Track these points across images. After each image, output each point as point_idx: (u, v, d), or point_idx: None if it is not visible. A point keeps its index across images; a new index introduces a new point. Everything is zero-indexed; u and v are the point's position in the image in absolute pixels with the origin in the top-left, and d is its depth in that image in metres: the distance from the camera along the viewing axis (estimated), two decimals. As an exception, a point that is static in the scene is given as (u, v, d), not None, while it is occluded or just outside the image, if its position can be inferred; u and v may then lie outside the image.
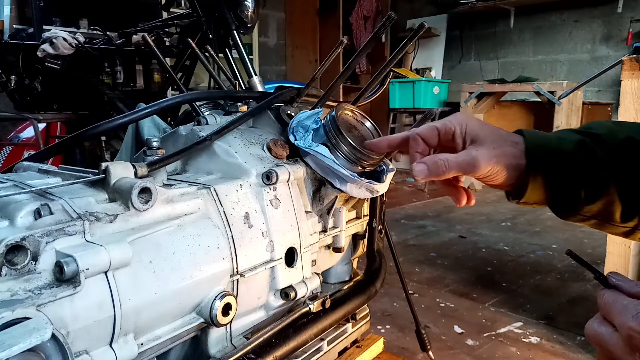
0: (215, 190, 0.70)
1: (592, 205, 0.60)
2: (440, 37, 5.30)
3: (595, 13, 4.39)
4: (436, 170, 0.59)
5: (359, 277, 1.02)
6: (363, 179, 0.80)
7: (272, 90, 0.96)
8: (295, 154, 0.84)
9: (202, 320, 0.66)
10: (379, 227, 1.00)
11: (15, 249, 0.49)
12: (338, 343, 0.95)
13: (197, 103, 0.97)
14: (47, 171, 0.69)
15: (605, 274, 0.43)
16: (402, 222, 3.25)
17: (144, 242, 0.59)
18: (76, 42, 2.30)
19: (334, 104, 0.94)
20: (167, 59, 2.55)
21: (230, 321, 0.68)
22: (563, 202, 0.61)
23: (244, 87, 1.75)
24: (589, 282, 2.15)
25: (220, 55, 2.05)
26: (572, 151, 0.59)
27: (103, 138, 2.29)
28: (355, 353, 1.01)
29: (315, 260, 0.86)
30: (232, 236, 0.69)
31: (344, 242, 0.92)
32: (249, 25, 2.06)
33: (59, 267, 0.50)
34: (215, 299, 0.65)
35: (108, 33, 2.60)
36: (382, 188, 0.84)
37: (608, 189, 0.58)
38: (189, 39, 1.41)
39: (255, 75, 1.90)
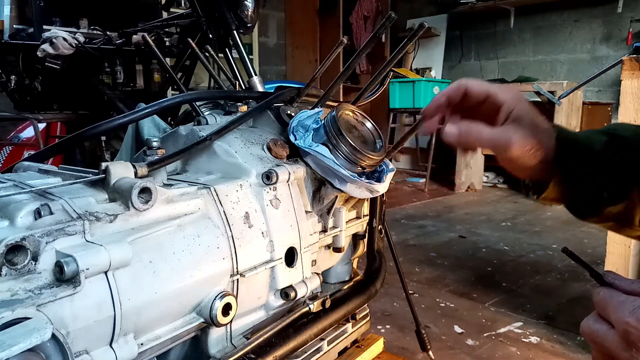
0: (215, 190, 0.70)
1: (613, 207, 0.59)
2: (440, 37, 5.29)
3: (595, 13, 4.39)
4: (467, 138, 0.56)
5: (359, 277, 1.02)
6: (363, 179, 0.80)
7: (272, 90, 0.96)
8: (296, 154, 0.84)
9: (202, 320, 0.66)
10: (379, 227, 1.00)
11: (16, 248, 0.49)
12: (338, 343, 0.95)
13: (197, 103, 0.97)
14: (47, 171, 0.69)
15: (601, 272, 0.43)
16: (402, 222, 3.25)
17: (144, 242, 0.59)
18: (76, 42, 2.30)
19: (334, 104, 0.94)
20: (167, 59, 2.55)
21: (230, 321, 0.68)
22: (585, 201, 0.60)
23: (244, 87, 1.75)
24: (589, 282, 2.15)
25: (220, 55, 2.05)
26: (601, 150, 0.58)
27: (103, 138, 2.29)
28: (355, 353, 1.01)
29: (315, 260, 0.86)
30: (232, 236, 0.69)
31: (344, 242, 0.92)
32: (249, 25, 2.06)
33: (59, 267, 0.50)
34: (215, 299, 0.65)
35: (108, 33, 2.60)
36: (382, 188, 0.84)
37: (631, 191, 0.57)
38: (189, 39, 1.41)
39: (255, 75, 1.90)
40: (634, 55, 1.50)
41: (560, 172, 0.58)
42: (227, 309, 0.66)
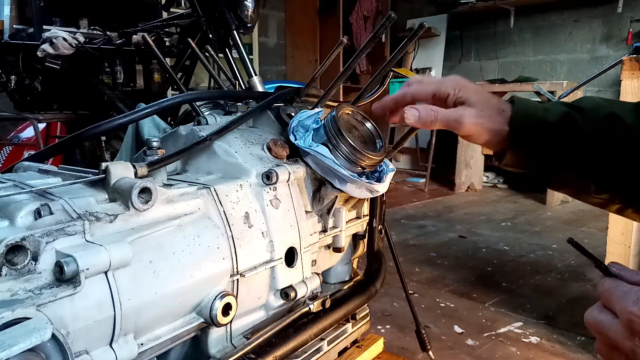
0: (215, 190, 0.70)
1: (569, 175, 0.63)
2: (440, 37, 5.29)
3: (595, 13, 4.39)
4: (426, 118, 0.63)
5: (359, 277, 1.02)
6: (363, 179, 0.80)
7: (272, 90, 0.96)
8: (296, 154, 0.84)
9: (202, 320, 0.66)
10: (379, 227, 1.00)
11: (16, 249, 0.49)
12: (338, 343, 0.95)
13: (197, 103, 0.97)
14: (47, 171, 0.69)
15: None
16: (402, 222, 3.25)
17: (144, 242, 0.59)
18: (76, 42, 2.30)
19: (334, 104, 0.94)
20: (167, 59, 2.55)
21: (231, 321, 0.68)
22: (541, 169, 0.65)
23: (244, 87, 1.75)
24: (589, 282, 2.15)
25: (220, 55, 2.05)
26: (556, 122, 0.63)
27: (103, 138, 2.29)
28: (355, 353, 1.01)
29: (315, 260, 0.86)
30: (232, 236, 0.69)
31: (344, 242, 0.92)
32: (249, 25, 2.06)
33: (59, 267, 0.50)
34: (215, 299, 0.65)
35: (108, 33, 2.60)
36: (382, 188, 0.84)
37: (586, 160, 0.61)
38: (189, 39, 1.41)
39: (255, 75, 1.90)
40: (634, 55, 1.50)
41: (514, 145, 0.63)
42: (227, 309, 0.66)
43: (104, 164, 0.61)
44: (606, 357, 0.42)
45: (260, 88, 1.85)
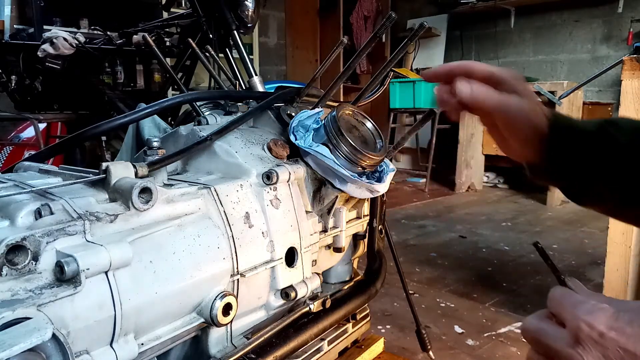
0: (215, 190, 0.70)
1: (604, 187, 0.60)
2: (440, 37, 5.29)
3: (596, 13, 4.38)
4: (478, 96, 0.59)
5: (359, 277, 1.02)
6: (363, 179, 0.80)
7: (273, 90, 0.96)
8: (296, 154, 0.84)
9: (202, 320, 0.66)
10: (380, 227, 1.00)
11: (16, 248, 0.49)
12: (338, 343, 0.95)
13: (198, 103, 0.97)
14: (47, 171, 0.69)
15: (568, 277, 0.43)
16: (403, 222, 3.25)
17: (144, 242, 0.59)
18: (76, 42, 2.30)
19: (335, 104, 0.94)
20: (168, 59, 2.55)
21: (231, 321, 0.68)
22: (576, 179, 0.62)
23: (244, 87, 1.75)
24: (589, 282, 2.15)
25: (221, 55, 2.05)
26: (594, 131, 0.60)
27: (103, 138, 2.29)
28: (355, 353, 1.01)
29: (315, 260, 0.86)
30: (232, 236, 0.69)
31: (344, 242, 0.92)
32: (249, 25, 2.06)
33: (59, 267, 0.50)
34: (215, 299, 0.65)
35: (108, 33, 2.60)
36: (382, 188, 0.84)
37: (624, 172, 0.59)
38: (190, 39, 1.41)
39: (256, 75, 1.90)
40: (635, 55, 1.50)
41: (550, 149, 0.61)
42: (227, 309, 0.66)
43: (104, 164, 0.61)
44: None
45: (260, 88, 1.85)
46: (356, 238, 1.00)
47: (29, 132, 3.21)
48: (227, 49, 2.13)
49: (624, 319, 0.35)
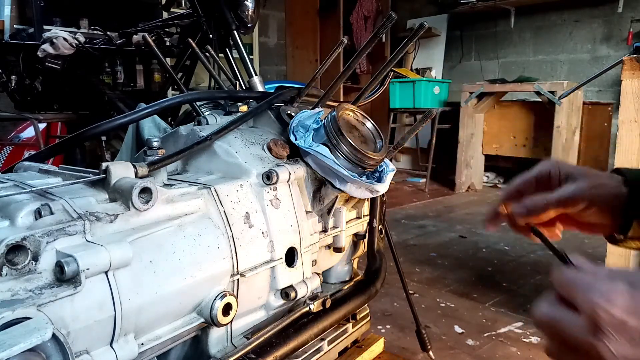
0: (215, 190, 0.70)
1: None
2: (440, 37, 5.29)
3: (596, 13, 4.38)
4: (534, 207, 0.57)
5: (359, 277, 1.02)
6: (363, 179, 0.80)
7: (273, 90, 0.96)
8: (296, 154, 0.84)
9: (202, 320, 0.66)
10: (380, 227, 1.00)
11: (16, 248, 0.49)
12: (338, 343, 0.95)
13: (198, 103, 0.97)
14: (47, 171, 0.69)
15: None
16: (403, 222, 3.25)
17: (144, 242, 0.59)
18: (76, 42, 2.30)
19: (335, 104, 0.94)
20: (168, 59, 2.55)
21: (231, 321, 0.68)
22: None
23: (244, 87, 1.75)
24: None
25: (221, 55, 2.05)
26: None
27: (103, 138, 2.29)
28: (355, 353, 1.01)
29: (315, 260, 0.86)
30: (232, 236, 0.69)
31: (345, 242, 0.92)
32: (249, 25, 2.06)
33: (59, 267, 0.50)
34: (215, 299, 0.65)
35: (108, 33, 2.60)
36: (382, 188, 0.84)
37: None
38: (190, 39, 1.41)
39: (256, 75, 1.90)
40: (635, 55, 1.50)
41: (636, 205, 0.56)
42: (227, 309, 0.66)
43: (104, 164, 0.61)
44: None
45: (260, 88, 1.85)
46: (356, 238, 1.00)
47: (29, 132, 3.21)
48: (227, 49, 2.13)
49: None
